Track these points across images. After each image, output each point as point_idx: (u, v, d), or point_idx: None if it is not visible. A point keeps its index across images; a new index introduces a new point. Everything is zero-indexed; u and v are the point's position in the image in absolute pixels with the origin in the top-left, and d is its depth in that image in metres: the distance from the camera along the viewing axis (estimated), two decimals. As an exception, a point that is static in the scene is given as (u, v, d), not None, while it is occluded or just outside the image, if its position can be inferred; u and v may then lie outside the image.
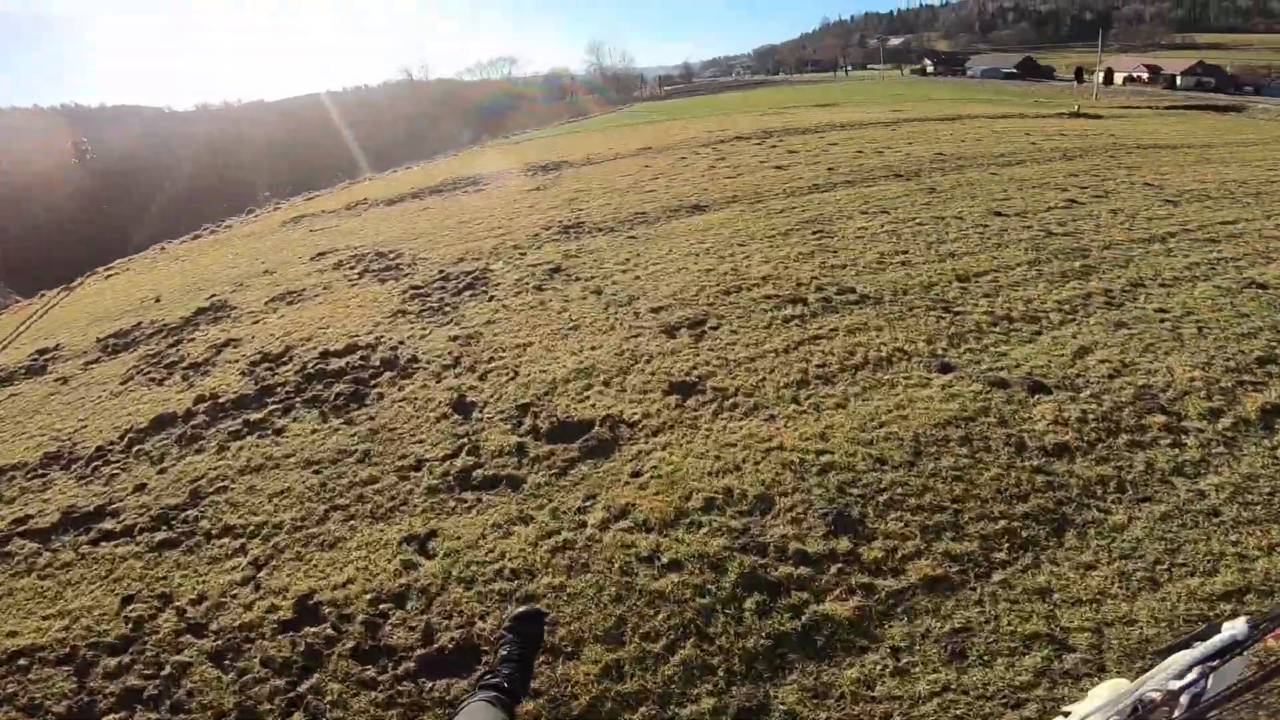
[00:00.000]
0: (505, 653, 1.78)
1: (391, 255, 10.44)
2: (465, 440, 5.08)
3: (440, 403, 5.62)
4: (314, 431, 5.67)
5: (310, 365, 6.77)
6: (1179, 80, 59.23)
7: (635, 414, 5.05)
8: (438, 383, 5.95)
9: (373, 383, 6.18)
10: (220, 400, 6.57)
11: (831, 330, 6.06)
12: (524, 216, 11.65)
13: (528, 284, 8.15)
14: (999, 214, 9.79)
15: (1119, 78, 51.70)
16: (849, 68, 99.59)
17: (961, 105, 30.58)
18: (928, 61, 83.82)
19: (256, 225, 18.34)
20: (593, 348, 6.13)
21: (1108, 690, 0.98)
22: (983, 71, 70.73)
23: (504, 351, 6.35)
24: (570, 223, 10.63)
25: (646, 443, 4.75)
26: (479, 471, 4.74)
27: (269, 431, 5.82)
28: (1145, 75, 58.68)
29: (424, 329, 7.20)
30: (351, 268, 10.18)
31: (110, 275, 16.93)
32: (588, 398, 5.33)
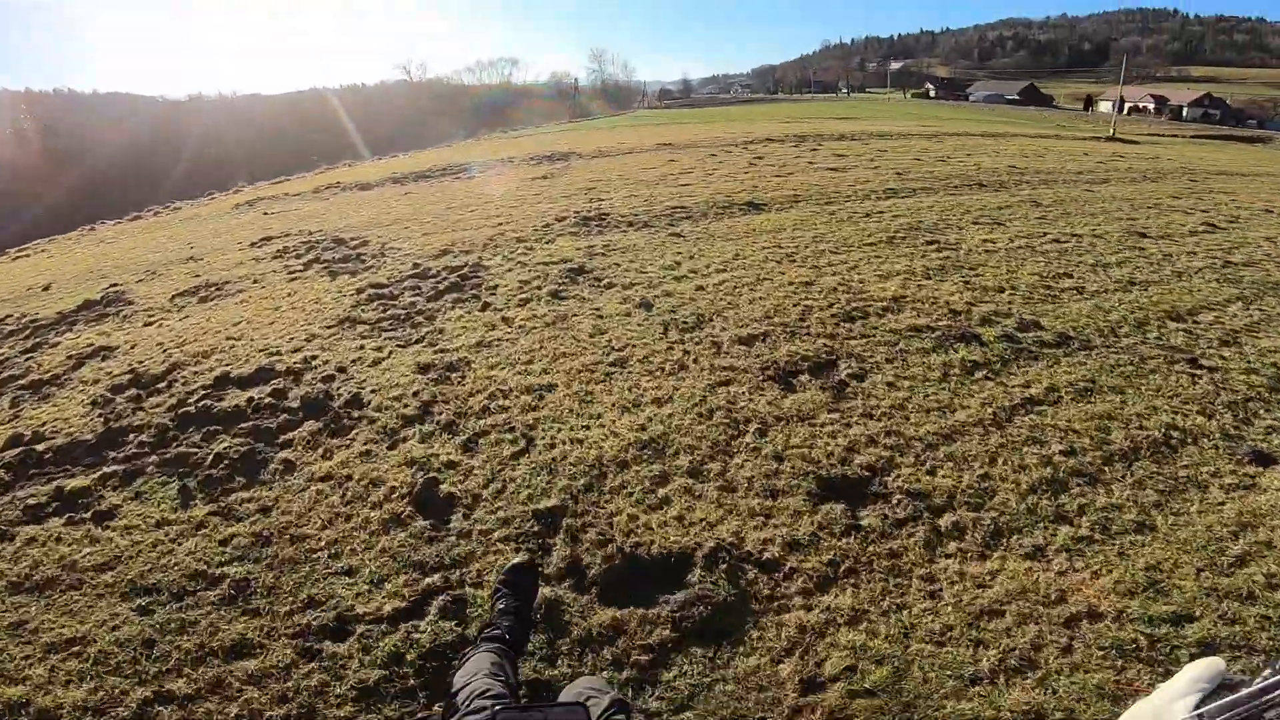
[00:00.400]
0: (503, 605, 1.61)
1: (353, 243, 7.95)
2: (436, 580, 2.63)
3: (393, 490, 3.15)
4: (162, 524, 3.17)
5: (194, 399, 4.25)
6: (1185, 111, 57.79)
7: (770, 542, 2.64)
8: (391, 449, 3.48)
9: (281, 439, 3.69)
10: (39, 446, 4.04)
11: (1049, 392, 3.74)
12: (529, 205, 9.25)
13: (539, 289, 5.74)
14: (1143, 234, 7.71)
15: (1125, 107, 51.08)
16: (849, 89, 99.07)
17: (988, 125, 28.95)
18: (930, 86, 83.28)
19: (207, 208, 15.67)
20: (657, 400, 3.71)
21: (1201, 669, 0.79)
22: (985, 97, 70.05)
23: (506, 397, 3.91)
24: (590, 214, 8.25)
25: (809, 606, 2.35)
26: (460, 664, 2.25)
27: (87, 514, 3.32)
28: (1151, 105, 58.17)
29: (380, 348, 4.74)
30: (298, 256, 7.66)
31: (20, 257, 14.08)
32: (668, 501, 2.91)
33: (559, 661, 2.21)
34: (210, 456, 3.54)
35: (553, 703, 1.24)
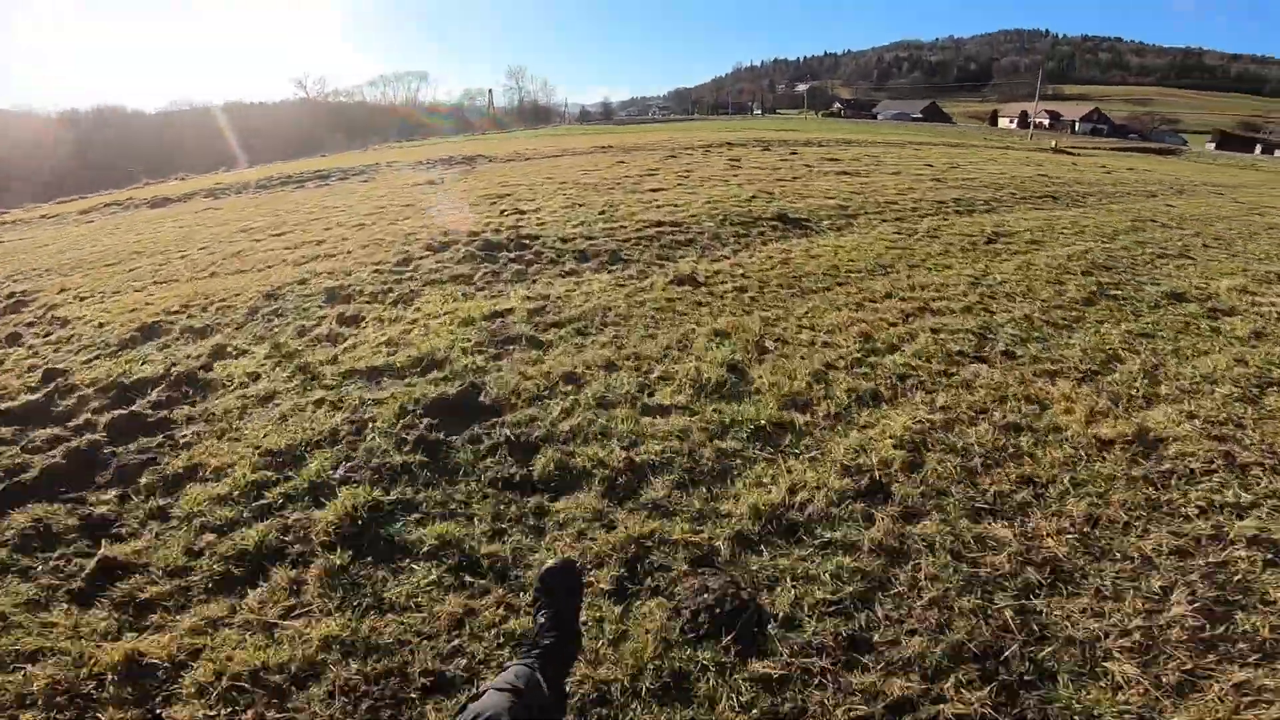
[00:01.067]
0: (542, 620, 1.29)
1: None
2: None
3: None
4: None
5: None
6: (1076, 126, 59.55)
7: None
8: None
9: None
10: None
11: None
12: (387, 222, 5.18)
13: (360, 470, 1.75)
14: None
15: (1029, 121, 52.12)
16: (762, 110, 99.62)
17: (935, 138, 27.35)
18: (839, 105, 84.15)
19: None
20: None
21: None
22: (893, 115, 70.71)
23: None
24: (502, 234, 4.30)
25: None
26: None
27: None
28: (1047, 121, 60.44)
29: None
30: None
31: None
32: None
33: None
34: None
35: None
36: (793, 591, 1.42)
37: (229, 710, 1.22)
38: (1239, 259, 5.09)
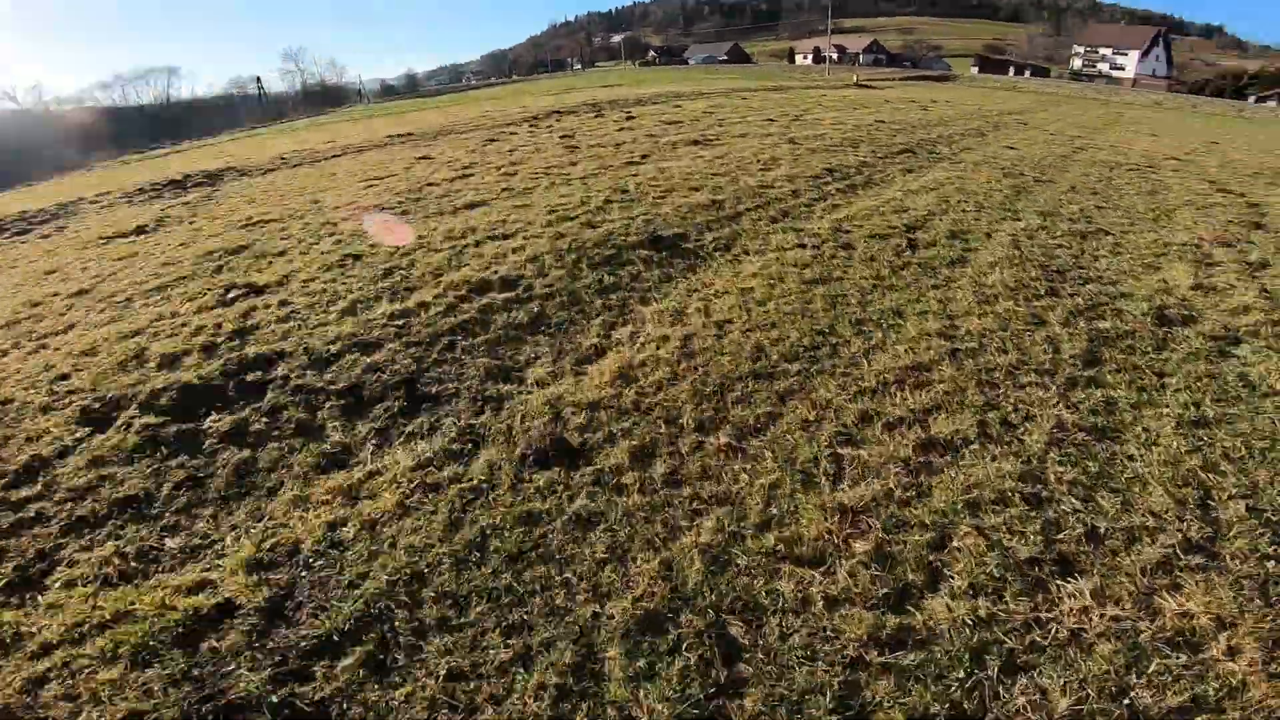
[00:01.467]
0: None
1: None
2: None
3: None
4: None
5: None
6: (861, 57, 64.30)
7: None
8: None
9: None
10: None
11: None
12: (37, 342, 3.11)
13: None
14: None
15: (824, 57, 56.15)
16: (581, 65, 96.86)
17: (748, 82, 27.26)
18: (652, 53, 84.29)
19: None
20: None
21: None
22: (702, 60, 72.47)
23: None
24: (217, 356, 2.55)
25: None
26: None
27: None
28: (836, 55, 65.79)
29: None
30: None
31: None
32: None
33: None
34: None
35: None
36: None
37: None
38: (1140, 226, 4.74)
